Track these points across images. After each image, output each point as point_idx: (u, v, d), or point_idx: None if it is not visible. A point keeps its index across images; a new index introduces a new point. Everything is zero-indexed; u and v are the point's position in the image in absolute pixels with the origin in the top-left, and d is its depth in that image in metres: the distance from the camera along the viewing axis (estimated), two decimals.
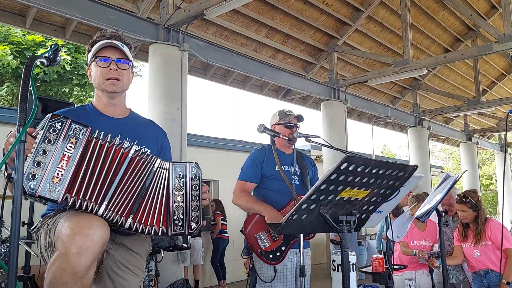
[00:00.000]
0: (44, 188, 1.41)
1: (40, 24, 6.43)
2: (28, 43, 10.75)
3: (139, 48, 7.14)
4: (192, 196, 1.70)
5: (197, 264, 7.65)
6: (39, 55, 1.41)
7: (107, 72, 1.85)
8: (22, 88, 1.25)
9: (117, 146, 1.61)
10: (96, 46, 1.86)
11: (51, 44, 1.42)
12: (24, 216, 3.76)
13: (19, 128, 1.26)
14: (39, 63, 1.44)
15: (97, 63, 1.86)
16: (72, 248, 1.41)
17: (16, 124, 1.30)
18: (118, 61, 1.86)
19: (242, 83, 9.37)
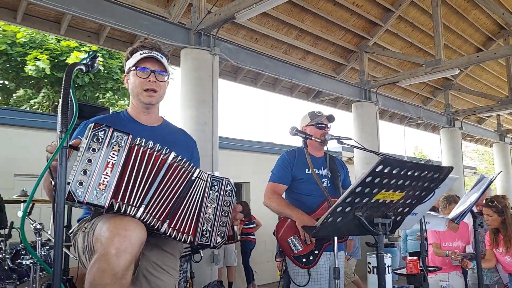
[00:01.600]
0: (91, 195, 1.46)
1: (74, 30, 6.66)
2: (63, 49, 11.13)
3: (171, 53, 7.28)
4: (223, 211, 1.74)
5: (231, 266, 7.70)
6: (78, 62, 1.47)
7: (146, 83, 1.91)
8: (63, 95, 1.30)
9: (157, 152, 1.65)
10: (137, 56, 1.91)
11: (89, 50, 1.45)
12: None
13: (61, 135, 1.31)
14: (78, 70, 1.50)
15: (136, 73, 1.91)
16: (111, 249, 1.45)
17: (56, 130, 1.35)
18: (157, 73, 1.91)
19: (272, 86, 9.40)
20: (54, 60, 10.85)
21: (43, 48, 10.84)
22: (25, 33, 10.60)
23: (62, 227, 1.20)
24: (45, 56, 10.52)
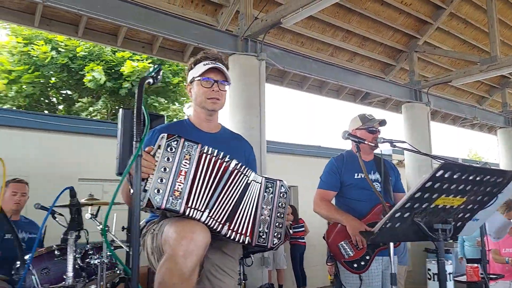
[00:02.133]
0: (168, 202, 1.55)
1: (129, 42, 6.94)
2: (118, 60, 11.67)
3: None
4: (278, 212, 1.78)
5: (280, 269, 7.70)
6: (147, 76, 1.54)
7: (210, 92, 1.99)
8: (136, 107, 1.37)
9: (221, 160, 1.73)
10: (200, 66, 1.99)
11: (154, 64, 1.52)
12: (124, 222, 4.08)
13: (135, 144, 1.39)
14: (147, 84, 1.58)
15: (201, 83, 2.00)
16: (179, 251, 1.53)
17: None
18: (219, 82, 2.00)
19: (318, 89, 9.32)
20: (110, 70, 11.42)
21: (100, 59, 11.43)
22: (84, 46, 11.22)
23: (138, 230, 1.26)
24: (100, 67, 11.08)
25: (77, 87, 12.32)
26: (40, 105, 12.44)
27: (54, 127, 6.45)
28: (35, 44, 11.01)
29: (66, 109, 12.89)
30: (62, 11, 5.59)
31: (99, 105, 11.98)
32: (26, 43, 11.28)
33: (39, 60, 11.09)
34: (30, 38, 11.33)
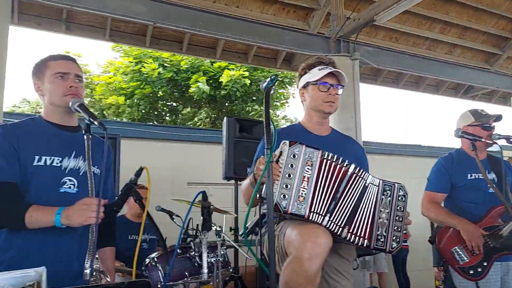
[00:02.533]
0: (293, 207, 1.61)
1: (226, 53, 7.23)
2: (216, 70, 12.27)
3: None
4: (397, 216, 1.74)
5: (382, 272, 7.40)
6: (270, 88, 1.57)
7: (326, 96, 2.03)
8: (265, 116, 1.42)
9: (340, 164, 1.74)
10: (315, 71, 2.02)
11: (272, 75, 1.56)
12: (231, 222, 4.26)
13: (267, 151, 1.45)
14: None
15: (319, 87, 2.03)
16: (304, 253, 1.57)
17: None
18: (335, 86, 2.04)
19: (415, 85, 8.78)
20: (209, 80, 12.07)
21: (200, 71, 12.16)
22: (187, 60, 12.01)
23: (273, 231, 1.30)
24: (204, 78, 11.77)
25: (181, 98, 13.22)
26: (150, 117, 13.56)
27: (165, 136, 6.97)
28: (144, 62, 12.06)
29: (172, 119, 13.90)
30: (169, 30, 6.04)
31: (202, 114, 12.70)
32: (137, 62, 12.40)
33: (148, 77, 12.12)
34: (139, 57, 12.44)
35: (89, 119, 1.63)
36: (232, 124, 3.76)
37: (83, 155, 1.76)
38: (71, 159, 1.75)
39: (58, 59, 1.81)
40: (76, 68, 1.82)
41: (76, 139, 1.78)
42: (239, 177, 3.76)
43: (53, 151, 1.72)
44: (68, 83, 1.75)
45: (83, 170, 1.77)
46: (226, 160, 3.74)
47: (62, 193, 1.70)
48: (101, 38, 6.07)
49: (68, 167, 1.74)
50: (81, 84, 1.82)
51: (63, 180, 1.72)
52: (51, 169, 1.69)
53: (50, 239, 1.66)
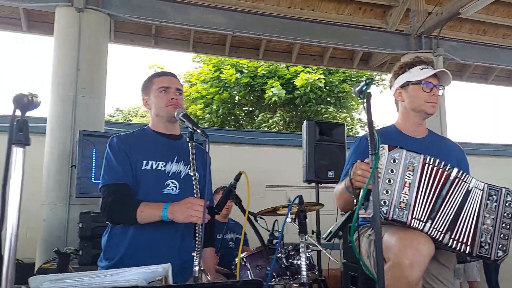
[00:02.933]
0: (395, 213, 1.55)
1: (302, 56, 7.18)
2: (292, 74, 12.25)
3: (389, 61, 7.08)
4: (503, 223, 1.58)
5: (473, 281, 6.79)
6: (369, 92, 1.47)
7: (430, 96, 1.92)
8: (368, 121, 1.35)
9: (442, 169, 1.64)
10: (416, 70, 1.92)
11: (367, 78, 1.48)
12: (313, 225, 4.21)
13: (371, 157, 1.39)
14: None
15: (422, 87, 1.92)
16: (404, 260, 1.50)
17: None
18: (437, 87, 1.94)
19: (507, 79, 7.98)
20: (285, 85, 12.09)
21: (276, 76, 12.23)
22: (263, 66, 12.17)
23: (380, 237, 1.24)
24: (278, 83, 11.83)
25: (258, 103, 13.41)
26: (228, 122, 13.94)
27: (244, 140, 7.10)
28: (223, 69, 12.44)
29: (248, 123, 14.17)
30: (247, 38, 6.16)
31: (276, 117, 12.75)
32: (215, 70, 12.85)
33: (227, 83, 12.49)
34: (218, 65, 12.88)
35: (193, 127, 1.73)
36: (312, 127, 3.70)
37: (184, 160, 1.90)
38: (174, 163, 1.88)
39: (161, 76, 1.99)
40: (176, 82, 1.98)
41: (178, 146, 1.93)
42: (320, 180, 3.69)
43: (158, 157, 1.86)
44: (170, 96, 1.90)
45: (184, 174, 1.90)
46: (306, 163, 3.69)
47: (166, 195, 1.83)
48: (185, 49, 6.38)
49: (171, 171, 1.87)
50: (181, 96, 1.96)
51: (166, 183, 1.85)
52: (156, 173, 1.84)
53: (156, 236, 1.79)
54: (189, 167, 1.89)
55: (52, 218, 4.30)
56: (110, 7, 4.77)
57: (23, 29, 5.39)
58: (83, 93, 4.41)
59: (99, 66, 4.65)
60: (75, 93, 4.35)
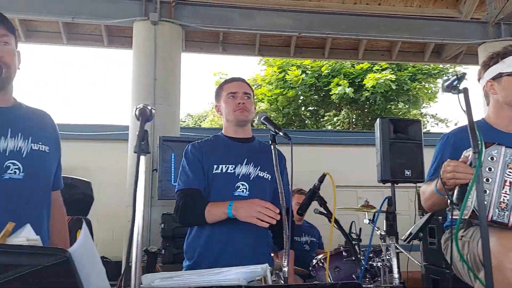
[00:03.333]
0: (495, 214, 1.46)
1: (369, 52, 6.95)
2: (357, 72, 11.93)
3: (464, 52, 6.63)
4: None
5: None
6: (466, 88, 1.36)
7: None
8: (468, 119, 1.25)
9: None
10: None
11: (459, 72, 1.37)
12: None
13: (474, 155, 1.24)
14: None
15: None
16: (507, 263, 1.40)
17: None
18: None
19: None
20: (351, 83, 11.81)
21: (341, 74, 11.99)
22: (327, 65, 12.00)
23: (487, 241, 1.16)
24: (346, 81, 11.58)
25: (323, 103, 13.24)
26: (293, 122, 13.92)
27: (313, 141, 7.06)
28: (288, 70, 12.47)
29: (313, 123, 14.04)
30: (312, 38, 6.12)
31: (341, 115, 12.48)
32: (281, 71, 12.91)
33: (292, 83, 12.50)
34: (282, 66, 12.92)
35: (275, 130, 1.74)
36: (386, 125, 3.56)
37: (254, 162, 1.91)
38: (243, 166, 1.90)
39: (229, 82, 2.03)
40: (244, 87, 1.99)
41: (248, 148, 1.96)
42: (396, 179, 3.54)
43: (228, 160, 1.90)
44: (237, 100, 1.93)
45: (253, 176, 1.91)
46: (381, 162, 3.56)
47: (236, 196, 1.85)
48: (252, 54, 6.48)
49: (240, 173, 1.90)
50: (250, 99, 1.97)
51: (236, 185, 1.88)
52: (226, 176, 1.88)
53: (230, 235, 1.82)
54: (259, 168, 1.91)
55: None
56: (182, 18, 5.00)
57: (105, 44, 5.83)
58: (160, 101, 4.66)
59: (173, 75, 4.90)
60: (153, 102, 4.61)
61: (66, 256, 0.63)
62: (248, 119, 1.96)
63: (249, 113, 1.93)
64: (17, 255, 0.64)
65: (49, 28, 5.66)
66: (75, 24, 5.47)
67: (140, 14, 4.85)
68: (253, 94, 2.04)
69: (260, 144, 2.03)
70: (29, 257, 0.64)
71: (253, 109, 2.00)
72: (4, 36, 1.34)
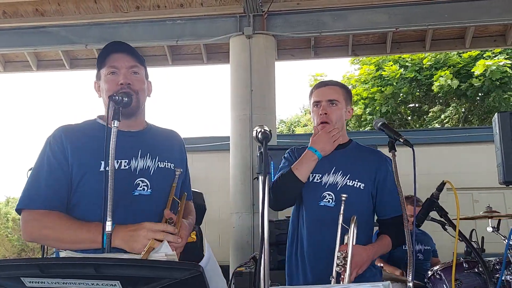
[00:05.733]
0: None
1: (478, 40, 6.31)
2: (465, 61, 10.91)
3: None
4: None
5: None
6: None
7: None
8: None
9: None
10: None
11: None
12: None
13: None
14: None
15: None
16: None
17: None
18: None
19: None
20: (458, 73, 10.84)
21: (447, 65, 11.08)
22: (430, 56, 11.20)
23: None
24: (448, 72, 10.67)
25: (426, 98, 12.36)
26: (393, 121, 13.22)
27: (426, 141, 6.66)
28: (385, 66, 11.93)
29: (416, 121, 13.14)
30: (410, 31, 5.77)
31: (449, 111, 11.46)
32: (377, 69, 12.40)
33: (390, 80, 11.92)
34: (378, 64, 12.40)
35: (394, 136, 1.68)
36: (507, 120, 3.19)
37: (342, 170, 1.86)
38: (330, 175, 1.87)
39: (316, 88, 1.98)
40: (329, 93, 1.91)
41: (333, 156, 1.91)
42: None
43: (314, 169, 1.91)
44: (320, 110, 1.88)
45: (340, 185, 1.88)
46: (503, 161, 3.20)
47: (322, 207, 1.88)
48: (345, 55, 6.35)
49: (327, 183, 1.89)
50: (335, 106, 1.89)
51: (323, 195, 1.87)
52: (313, 185, 1.88)
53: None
54: (348, 176, 1.87)
55: (240, 225, 4.81)
56: (274, 28, 5.13)
57: (204, 61, 6.22)
58: (257, 111, 4.84)
59: (268, 84, 5.04)
60: (250, 112, 4.80)
61: (199, 270, 0.70)
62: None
63: (331, 125, 1.86)
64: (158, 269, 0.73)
65: (156, 52, 6.25)
66: (178, 46, 5.95)
67: (235, 30, 5.11)
68: (346, 96, 1.95)
69: (357, 148, 1.97)
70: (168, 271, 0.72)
71: (343, 114, 1.92)
72: (134, 67, 1.50)
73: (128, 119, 1.48)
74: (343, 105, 1.92)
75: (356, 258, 1.62)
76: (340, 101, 1.91)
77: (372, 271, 1.83)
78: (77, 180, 1.39)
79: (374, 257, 1.78)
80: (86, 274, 0.72)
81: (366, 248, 1.71)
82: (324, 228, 1.80)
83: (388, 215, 1.86)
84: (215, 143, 6.72)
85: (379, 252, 1.80)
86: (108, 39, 5.48)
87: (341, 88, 1.97)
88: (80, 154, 1.41)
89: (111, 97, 1.37)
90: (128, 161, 1.44)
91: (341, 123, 1.91)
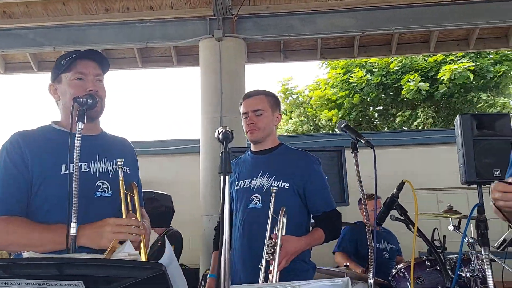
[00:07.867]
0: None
1: (442, 44, 6.56)
2: (430, 65, 11.28)
3: None
4: None
5: None
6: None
7: None
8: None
9: None
10: None
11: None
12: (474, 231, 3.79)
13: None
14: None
15: None
16: None
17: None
18: None
19: None
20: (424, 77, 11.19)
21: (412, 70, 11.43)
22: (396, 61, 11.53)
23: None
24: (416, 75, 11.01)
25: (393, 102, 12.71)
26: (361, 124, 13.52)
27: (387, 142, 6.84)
28: (352, 71, 12.19)
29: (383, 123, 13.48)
30: (376, 35, 5.94)
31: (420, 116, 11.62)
32: (344, 72, 12.65)
33: (356, 85, 12.18)
34: (346, 66, 12.66)
35: (356, 138, 1.77)
36: (468, 122, 3.34)
37: (268, 172, 1.99)
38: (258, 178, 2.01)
39: (243, 99, 2.10)
40: (254, 103, 2.04)
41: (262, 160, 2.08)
42: (484, 180, 3.29)
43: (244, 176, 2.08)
44: (248, 121, 2.04)
45: (266, 187, 1.99)
46: (464, 162, 3.35)
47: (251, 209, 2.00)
48: (313, 58, 6.46)
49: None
50: (260, 117, 2.01)
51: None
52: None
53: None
54: (273, 178, 1.97)
55: (210, 228, 4.79)
56: (244, 31, 5.18)
57: (174, 64, 6.19)
58: (227, 113, 4.85)
59: (239, 87, 5.07)
60: (220, 115, 4.81)
61: (162, 269, 0.72)
62: (258, 138, 2.01)
63: (260, 131, 1.99)
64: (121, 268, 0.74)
65: (125, 54, 6.16)
66: (148, 49, 5.90)
67: (205, 33, 5.13)
68: (272, 103, 2.07)
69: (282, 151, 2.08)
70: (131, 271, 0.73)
71: (269, 121, 2.03)
72: (99, 75, 1.59)
73: (92, 122, 1.52)
74: (269, 112, 2.03)
75: (285, 246, 1.66)
76: (265, 109, 2.02)
77: (304, 266, 1.91)
78: (37, 184, 1.41)
79: (306, 247, 1.86)
80: (49, 275, 0.72)
81: (297, 238, 1.78)
82: (252, 229, 1.90)
83: (319, 211, 1.96)
84: (185, 145, 6.69)
85: (311, 243, 1.87)
86: (77, 41, 5.41)
87: (267, 96, 2.07)
88: (39, 158, 1.43)
89: (75, 99, 1.41)
90: (88, 164, 1.48)
91: (270, 128, 2.03)
